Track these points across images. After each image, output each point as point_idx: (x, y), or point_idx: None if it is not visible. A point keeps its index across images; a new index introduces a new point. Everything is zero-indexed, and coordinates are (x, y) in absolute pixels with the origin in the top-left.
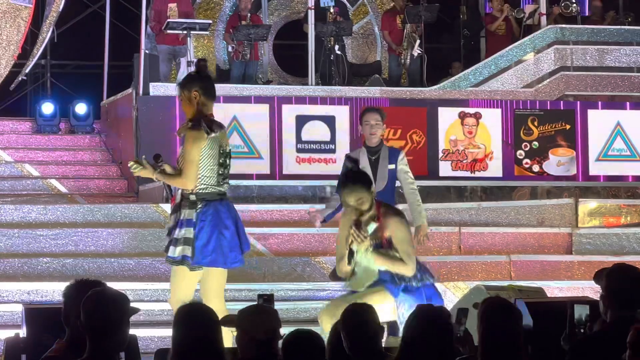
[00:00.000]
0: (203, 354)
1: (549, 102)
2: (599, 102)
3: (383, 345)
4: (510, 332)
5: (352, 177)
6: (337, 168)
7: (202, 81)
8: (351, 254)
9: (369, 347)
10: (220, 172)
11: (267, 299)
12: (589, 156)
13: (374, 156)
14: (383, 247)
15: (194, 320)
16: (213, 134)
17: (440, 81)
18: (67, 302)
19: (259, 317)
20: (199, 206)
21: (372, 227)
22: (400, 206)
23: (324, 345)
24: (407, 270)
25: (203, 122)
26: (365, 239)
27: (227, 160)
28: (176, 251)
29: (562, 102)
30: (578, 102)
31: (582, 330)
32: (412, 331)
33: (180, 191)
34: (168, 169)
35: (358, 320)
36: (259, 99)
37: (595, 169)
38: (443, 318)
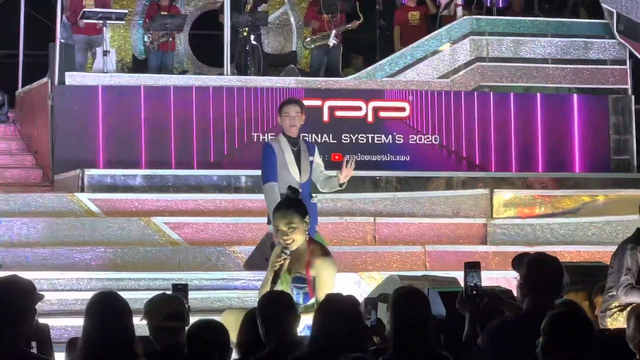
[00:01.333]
0: (113, 342)
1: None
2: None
3: None
4: (419, 320)
5: (287, 202)
6: (252, 158)
7: None
8: (275, 279)
9: (284, 335)
10: None
11: (181, 289)
12: (505, 147)
13: (296, 147)
14: (307, 283)
15: (106, 309)
16: None
17: (343, 72)
18: None
19: (163, 306)
20: None
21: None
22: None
23: (227, 335)
24: None
25: None
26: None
27: None
28: None
29: (477, 92)
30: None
31: (474, 292)
32: (321, 320)
33: None
34: None
35: (275, 307)
36: (176, 89)
37: (511, 159)
38: (352, 306)
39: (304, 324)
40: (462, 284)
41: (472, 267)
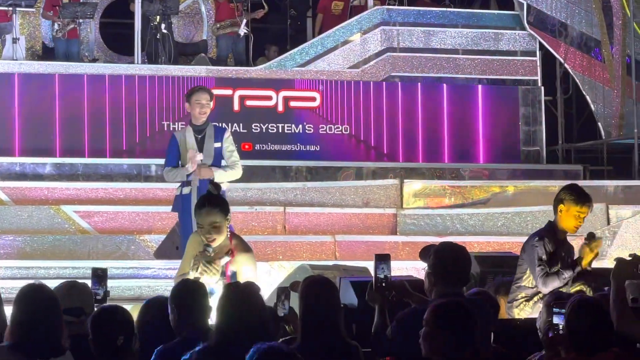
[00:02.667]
0: (41, 330)
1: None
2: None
3: None
4: (328, 308)
5: (209, 199)
6: (163, 146)
7: None
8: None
9: (196, 324)
10: None
11: (100, 275)
12: (415, 137)
13: (200, 134)
14: (225, 277)
15: (34, 299)
16: None
17: (256, 62)
18: None
19: (63, 300)
20: None
21: (224, 260)
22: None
23: (131, 320)
24: None
25: None
26: (216, 272)
27: None
28: None
29: (387, 83)
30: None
31: (384, 284)
32: (224, 310)
33: None
34: None
35: (188, 296)
36: (87, 77)
37: (419, 149)
38: (252, 294)
39: None
40: (372, 275)
41: (382, 259)
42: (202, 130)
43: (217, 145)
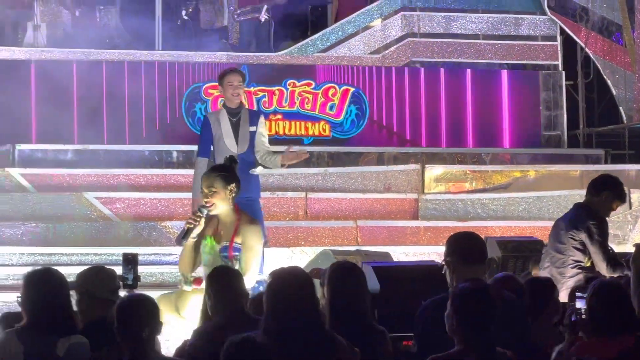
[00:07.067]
0: (53, 314)
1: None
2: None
3: None
4: (355, 293)
5: (215, 167)
6: (184, 132)
7: None
8: (186, 234)
9: (228, 307)
10: None
11: (131, 260)
12: (436, 122)
13: (235, 118)
14: (230, 250)
15: (44, 284)
16: None
17: (280, 48)
18: None
19: (99, 277)
20: None
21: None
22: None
23: (158, 310)
24: (246, 281)
25: None
26: (197, 224)
27: None
28: None
29: (408, 68)
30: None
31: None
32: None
33: None
34: None
35: (222, 280)
36: (107, 64)
37: (442, 134)
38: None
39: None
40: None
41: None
42: (237, 113)
43: (253, 129)
